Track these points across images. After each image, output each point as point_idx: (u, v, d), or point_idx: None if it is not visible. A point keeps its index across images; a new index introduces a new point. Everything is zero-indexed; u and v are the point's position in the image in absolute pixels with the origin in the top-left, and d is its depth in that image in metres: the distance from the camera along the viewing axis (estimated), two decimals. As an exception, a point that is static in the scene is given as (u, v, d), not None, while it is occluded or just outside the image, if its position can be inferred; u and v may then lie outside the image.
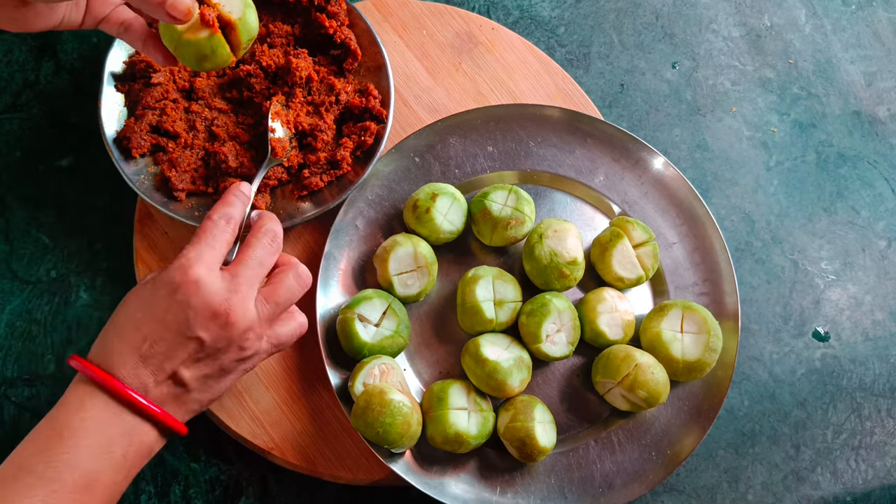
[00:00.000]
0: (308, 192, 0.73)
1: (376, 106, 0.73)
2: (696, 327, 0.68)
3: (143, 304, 0.56)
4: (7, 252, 0.75)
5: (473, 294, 0.68)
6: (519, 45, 0.82)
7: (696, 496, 0.72)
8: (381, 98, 0.74)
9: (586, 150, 0.77)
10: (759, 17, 0.89)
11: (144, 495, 0.69)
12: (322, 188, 0.73)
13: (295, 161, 0.73)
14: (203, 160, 0.73)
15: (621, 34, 0.87)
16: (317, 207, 0.72)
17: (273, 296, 0.59)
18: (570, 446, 0.69)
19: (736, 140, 0.84)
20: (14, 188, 0.77)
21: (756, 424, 0.75)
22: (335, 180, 0.73)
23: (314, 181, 0.72)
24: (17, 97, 0.80)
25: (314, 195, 0.73)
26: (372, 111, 0.74)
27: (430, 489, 0.65)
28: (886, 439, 0.75)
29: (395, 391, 0.63)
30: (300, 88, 0.73)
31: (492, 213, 0.70)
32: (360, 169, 0.73)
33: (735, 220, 0.81)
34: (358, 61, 0.76)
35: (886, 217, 0.82)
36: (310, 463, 0.69)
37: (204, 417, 0.71)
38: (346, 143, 0.73)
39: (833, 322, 0.78)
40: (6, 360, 0.72)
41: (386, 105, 0.74)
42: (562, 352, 0.68)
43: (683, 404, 0.70)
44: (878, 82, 0.87)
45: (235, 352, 0.57)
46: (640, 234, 0.70)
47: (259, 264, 0.59)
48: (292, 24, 0.77)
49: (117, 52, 0.74)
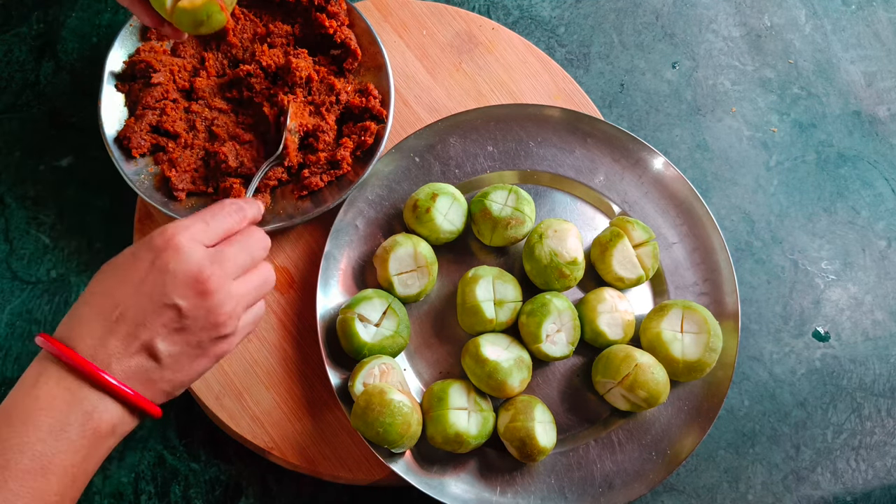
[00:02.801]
0: (308, 192, 0.73)
1: (376, 106, 0.74)
2: (696, 327, 0.68)
3: (119, 270, 0.52)
4: (7, 252, 0.75)
5: (473, 294, 0.68)
6: (519, 45, 0.82)
7: (696, 496, 0.72)
8: (381, 98, 0.74)
9: (586, 150, 0.77)
10: (759, 17, 0.89)
11: (144, 495, 0.69)
12: (322, 188, 0.73)
13: (295, 161, 0.73)
14: (203, 160, 0.73)
15: (621, 34, 0.87)
16: (317, 207, 0.72)
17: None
18: (570, 446, 0.69)
19: (736, 140, 0.84)
20: (14, 188, 0.77)
21: (756, 424, 0.75)
22: (335, 180, 0.73)
23: (314, 181, 0.72)
24: (17, 97, 0.80)
25: (314, 195, 0.73)
26: (372, 111, 0.74)
27: (430, 489, 0.65)
28: (886, 439, 0.75)
29: (395, 391, 0.63)
30: (300, 88, 0.73)
31: (492, 213, 0.70)
32: (360, 169, 0.73)
33: (735, 220, 0.81)
34: (358, 61, 0.76)
35: (886, 217, 0.82)
36: (310, 463, 0.69)
37: (204, 417, 0.71)
38: (347, 143, 0.73)
39: (833, 322, 0.78)
40: (6, 360, 0.72)
41: (386, 105, 0.74)
42: (562, 352, 0.68)
43: (683, 404, 0.70)
44: (878, 82, 0.87)
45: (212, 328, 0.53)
46: (640, 234, 0.70)
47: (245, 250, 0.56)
48: (292, 24, 0.77)
49: (117, 52, 0.74)
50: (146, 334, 0.51)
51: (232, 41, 0.76)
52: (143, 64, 0.73)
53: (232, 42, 0.76)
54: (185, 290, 0.51)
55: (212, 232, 0.54)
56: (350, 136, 0.73)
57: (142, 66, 0.73)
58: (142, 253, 0.52)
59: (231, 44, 0.76)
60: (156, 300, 0.51)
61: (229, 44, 0.76)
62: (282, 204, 0.73)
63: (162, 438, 0.71)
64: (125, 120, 0.73)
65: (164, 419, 0.71)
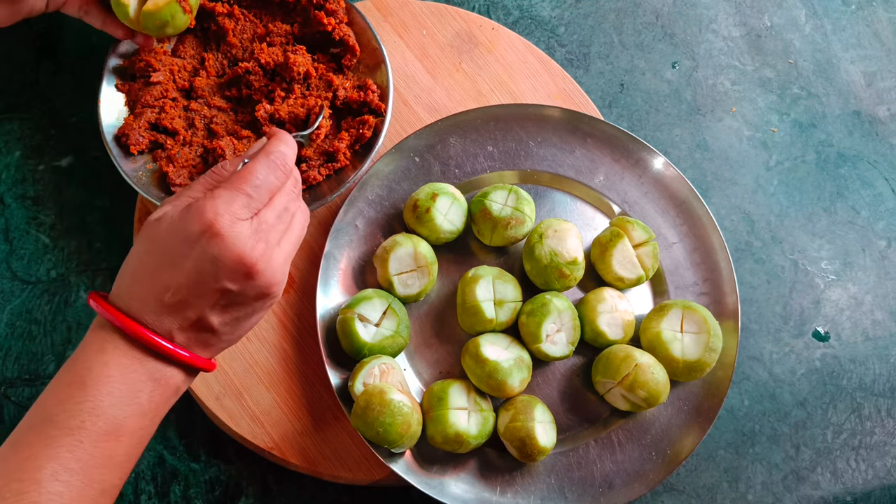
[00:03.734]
0: (307, 187, 0.72)
1: (374, 99, 0.73)
2: (696, 327, 0.68)
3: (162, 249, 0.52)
4: (7, 252, 0.75)
5: (473, 294, 0.68)
6: (519, 45, 0.82)
7: (696, 496, 0.72)
8: (379, 92, 0.74)
9: (586, 150, 0.77)
10: (759, 17, 0.89)
11: (144, 495, 0.69)
12: (320, 182, 0.73)
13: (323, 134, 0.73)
14: (201, 157, 0.73)
15: (621, 34, 0.87)
16: (315, 201, 0.72)
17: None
18: (570, 446, 0.69)
19: (736, 140, 0.84)
20: (14, 188, 0.77)
21: (756, 424, 0.75)
22: (333, 174, 0.73)
23: (312, 175, 0.72)
24: (17, 97, 0.80)
25: (312, 189, 0.73)
26: (370, 105, 0.74)
27: (430, 489, 0.65)
28: (886, 439, 0.75)
29: (395, 391, 0.63)
30: (298, 84, 0.73)
31: (492, 213, 0.70)
32: (359, 163, 0.73)
33: (735, 220, 0.81)
34: (357, 58, 0.76)
35: (886, 217, 0.82)
36: (310, 463, 0.69)
37: (204, 417, 0.71)
38: (343, 136, 0.73)
39: (833, 322, 0.78)
40: (6, 360, 0.72)
41: (384, 99, 0.74)
42: (562, 352, 0.68)
43: (683, 404, 0.70)
44: (878, 82, 0.87)
45: (263, 297, 0.54)
46: (640, 234, 0.70)
47: (287, 211, 0.55)
48: (291, 23, 0.77)
49: (118, 52, 0.74)
50: (200, 313, 0.52)
51: (232, 41, 0.76)
52: (143, 63, 0.73)
53: (232, 42, 0.76)
54: (234, 274, 0.51)
55: (255, 203, 0.53)
56: (348, 131, 0.73)
57: (141, 66, 0.73)
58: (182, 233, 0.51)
59: (231, 44, 0.76)
60: (205, 285, 0.51)
61: (229, 44, 0.76)
62: None
63: (162, 438, 0.71)
64: (125, 118, 0.73)
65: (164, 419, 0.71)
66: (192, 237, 0.51)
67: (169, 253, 0.51)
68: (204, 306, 0.52)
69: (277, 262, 0.53)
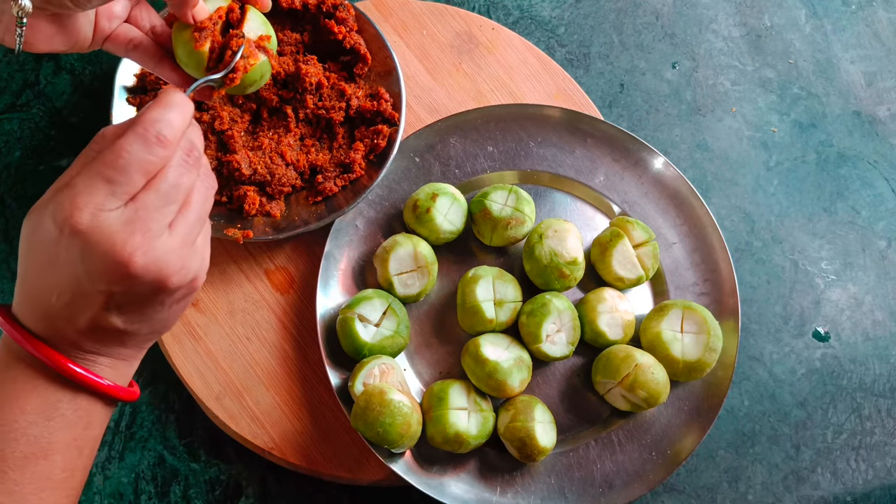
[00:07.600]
0: (323, 198, 0.73)
1: (388, 109, 0.73)
2: (696, 327, 0.68)
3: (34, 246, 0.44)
4: (7, 252, 0.75)
5: (473, 294, 0.68)
6: (519, 45, 0.82)
7: (696, 496, 0.72)
8: (392, 101, 0.74)
9: (586, 150, 0.77)
10: (759, 17, 0.89)
11: (144, 495, 0.69)
12: (336, 193, 0.73)
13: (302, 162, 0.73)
14: (216, 170, 0.73)
15: (621, 34, 0.87)
16: (332, 213, 0.71)
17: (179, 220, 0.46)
18: (570, 446, 0.69)
19: (736, 140, 0.84)
20: (14, 188, 0.77)
21: (756, 424, 0.75)
22: (349, 185, 0.73)
23: (328, 186, 0.72)
24: (17, 97, 0.80)
25: (328, 200, 0.73)
26: (384, 114, 0.74)
27: (430, 489, 0.65)
28: (886, 439, 0.75)
29: (395, 391, 0.63)
30: (310, 94, 0.73)
31: (492, 213, 0.70)
32: (374, 173, 0.73)
33: (735, 220, 0.81)
34: (368, 66, 0.76)
35: (886, 217, 0.82)
36: (310, 463, 0.69)
37: (204, 417, 0.71)
38: (358, 147, 0.73)
39: (833, 322, 0.78)
40: (6, 360, 0.72)
41: (397, 108, 0.74)
42: (562, 352, 0.68)
43: (683, 404, 0.70)
44: (878, 82, 0.87)
45: (159, 293, 0.45)
46: (640, 234, 0.70)
47: (174, 187, 0.44)
48: (301, 31, 0.77)
49: (128, 65, 0.74)
50: (94, 315, 0.44)
51: None
52: (154, 76, 0.73)
53: None
54: (110, 276, 0.42)
55: (125, 188, 0.42)
56: (362, 141, 0.73)
57: (152, 79, 0.73)
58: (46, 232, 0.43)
59: None
60: (84, 287, 0.43)
61: None
62: (296, 210, 0.72)
63: (162, 438, 0.71)
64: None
65: (164, 419, 0.71)
66: (54, 236, 0.42)
67: (43, 252, 0.44)
68: (96, 309, 0.44)
69: (169, 250, 0.44)
